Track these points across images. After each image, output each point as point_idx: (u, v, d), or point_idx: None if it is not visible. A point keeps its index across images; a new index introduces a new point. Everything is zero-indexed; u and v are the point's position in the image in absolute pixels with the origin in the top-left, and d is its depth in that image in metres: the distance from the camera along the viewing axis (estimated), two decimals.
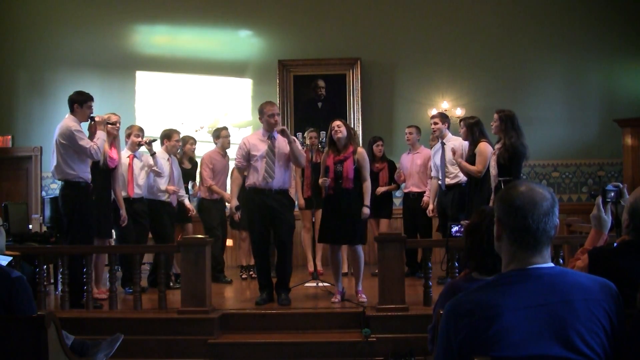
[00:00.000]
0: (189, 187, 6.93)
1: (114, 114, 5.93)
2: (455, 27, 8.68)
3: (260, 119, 5.60)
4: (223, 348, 4.80)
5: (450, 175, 6.19)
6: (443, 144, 6.26)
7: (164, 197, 6.47)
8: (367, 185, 5.42)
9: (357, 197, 5.37)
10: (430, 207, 6.55)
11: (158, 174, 6.26)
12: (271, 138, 5.47)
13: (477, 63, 8.65)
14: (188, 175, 6.92)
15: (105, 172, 5.73)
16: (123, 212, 5.87)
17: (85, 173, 5.40)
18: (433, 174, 6.52)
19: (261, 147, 5.43)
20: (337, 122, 5.45)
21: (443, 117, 6.48)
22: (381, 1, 8.82)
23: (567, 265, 2.97)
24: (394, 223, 7.43)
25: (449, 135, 6.36)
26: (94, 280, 6.02)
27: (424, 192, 6.80)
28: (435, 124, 6.36)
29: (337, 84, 8.69)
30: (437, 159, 6.33)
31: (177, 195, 6.58)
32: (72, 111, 5.43)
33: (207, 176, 6.80)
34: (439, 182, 6.33)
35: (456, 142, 6.17)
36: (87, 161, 5.41)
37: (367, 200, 5.36)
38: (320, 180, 5.45)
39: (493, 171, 5.32)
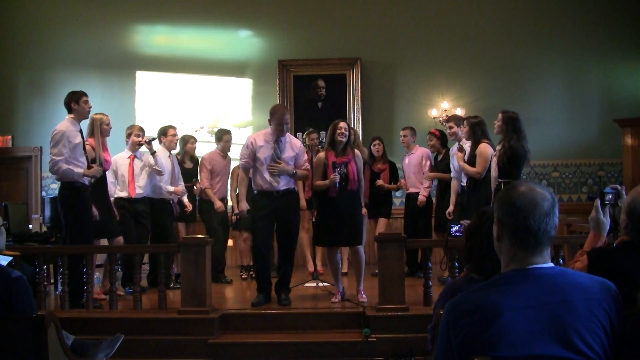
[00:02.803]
0: (194, 186, 6.92)
1: (104, 114, 5.88)
2: (455, 27, 8.68)
3: (270, 120, 5.43)
4: (223, 348, 4.80)
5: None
6: (462, 146, 6.22)
7: (168, 196, 6.46)
8: (362, 186, 5.63)
9: (358, 198, 5.47)
10: (450, 208, 6.31)
11: (159, 173, 6.25)
12: (278, 142, 5.43)
13: (477, 63, 8.65)
14: (190, 174, 6.91)
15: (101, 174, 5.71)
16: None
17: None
18: (453, 175, 6.43)
19: (267, 151, 5.38)
20: (345, 125, 5.46)
21: (457, 120, 6.42)
22: (381, 1, 8.82)
23: (566, 267, 2.97)
24: (393, 223, 7.43)
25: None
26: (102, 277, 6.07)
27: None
28: (451, 127, 6.32)
29: (337, 84, 8.69)
30: (456, 161, 6.20)
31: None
32: (71, 111, 5.41)
33: (204, 177, 6.80)
34: (462, 183, 6.23)
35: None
36: (77, 162, 5.33)
37: (362, 202, 5.62)
38: (331, 176, 5.30)
39: (494, 173, 5.31)
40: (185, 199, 6.69)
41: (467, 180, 5.83)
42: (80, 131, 5.45)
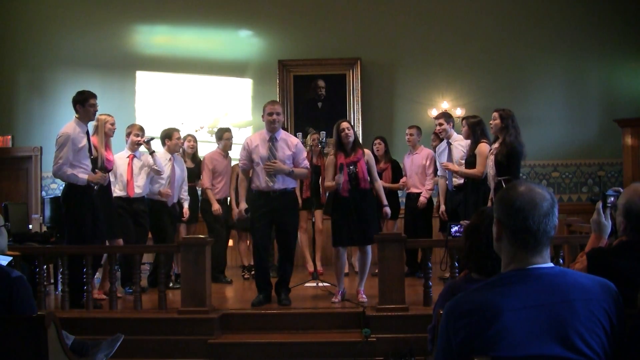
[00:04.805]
0: (196, 187, 6.93)
1: (109, 115, 5.89)
2: (455, 27, 8.68)
3: (262, 117, 5.51)
4: (223, 348, 4.80)
5: (457, 176, 6.07)
6: (449, 144, 6.23)
7: (159, 197, 6.44)
8: (379, 184, 5.59)
9: (370, 197, 5.44)
10: (442, 208, 6.38)
11: (157, 173, 6.24)
12: (272, 140, 5.43)
13: (477, 63, 8.66)
14: (191, 174, 6.89)
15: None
16: None
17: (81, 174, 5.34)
18: (440, 173, 6.46)
19: (262, 150, 5.38)
20: (347, 124, 5.44)
21: (447, 117, 6.44)
22: (381, 1, 8.82)
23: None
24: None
25: (455, 134, 6.32)
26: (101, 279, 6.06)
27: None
28: (441, 125, 6.31)
29: (337, 84, 8.69)
30: (444, 159, 6.24)
31: (180, 197, 6.58)
32: (77, 112, 5.39)
33: (205, 177, 6.77)
34: (447, 182, 6.26)
35: (462, 142, 6.12)
36: (83, 164, 5.33)
37: (385, 200, 5.55)
38: (335, 177, 5.31)
39: (491, 171, 5.31)
40: (185, 205, 6.67)
41: (464, 179, 5.84)
42: (87, 132, 5.42)
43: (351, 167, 5.35)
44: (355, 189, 5.34)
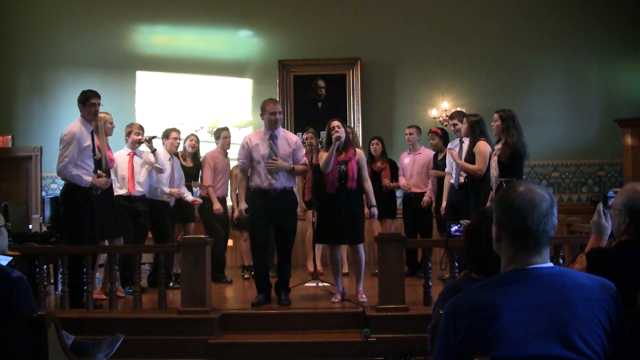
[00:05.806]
0: (192, 187, 6.92)
1: (107, 113, 5.88)
2: (455, 27, 8.68)
3: (261, 116, 5.51)
4: (223, 348, 4.80)
5: (464, 175, 5.99)
6: (461, 142, 6.21)
7: (164, 198, 6.45)
8: (369, 184, 5.56)
9: (358, 197, 5.42)
10: (443, 204, 6.37)
11: (160, 171, 6.23)
12: (272, 138, 5.43)
13: (477, 63, 8.65)
14: (189, 173, 6.87)
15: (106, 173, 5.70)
16: None
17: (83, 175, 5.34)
18: (447, 170, 6.45)
19: (263, 149, 5.38)
20: (337, 123, 5.42)
21: (461, 115, 6.41)
22: (381, 1, 8.82)
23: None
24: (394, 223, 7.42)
25: None
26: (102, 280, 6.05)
27: (425, 192, 6.79)
28: (455, 125, 6.26)
29: (337, 84, 8.69)
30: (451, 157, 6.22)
31: (179, 195, 6.58)
32: (80, 111, 5.38)
33: (207, 175, 6.77)
34: (451, 180, 6.26)
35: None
36: (86, 165, 5.32)
37: (374, 200, 5.51)
38: (334, 137, 5.29)
39: (494, 172, 5.30)
40: (189, 197, 6.66)
41: (465, 179, 5.83)
42: (92, 133, 5.41)
43: (341, 166, 5.35)
44: (343, 187, 5.34)
